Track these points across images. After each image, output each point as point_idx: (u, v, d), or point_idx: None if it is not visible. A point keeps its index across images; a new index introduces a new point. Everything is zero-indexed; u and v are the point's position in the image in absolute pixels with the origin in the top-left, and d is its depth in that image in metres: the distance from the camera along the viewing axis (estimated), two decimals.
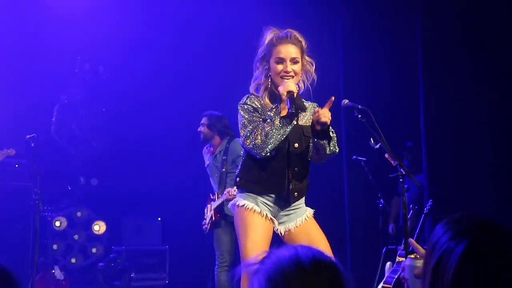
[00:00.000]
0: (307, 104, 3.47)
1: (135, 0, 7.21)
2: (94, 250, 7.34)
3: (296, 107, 3.22)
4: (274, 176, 3.36)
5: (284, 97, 3.25)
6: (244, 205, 3.34)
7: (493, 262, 1.23)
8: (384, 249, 5.81)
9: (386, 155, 3.99)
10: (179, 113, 7.41)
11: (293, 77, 3.34)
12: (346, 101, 3.87)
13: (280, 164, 3.36)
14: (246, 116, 3.33)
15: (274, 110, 3.31)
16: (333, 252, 3.20)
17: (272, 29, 3.43)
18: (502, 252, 1.24)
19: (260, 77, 3.43)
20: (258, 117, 3.33)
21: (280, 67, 3.35)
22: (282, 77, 3.34)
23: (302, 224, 3.44)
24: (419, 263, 1.81)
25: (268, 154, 3.28)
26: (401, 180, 3.63)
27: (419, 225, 5.06)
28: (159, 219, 7.56)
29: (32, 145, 5.41)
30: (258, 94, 3.40)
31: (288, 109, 3.23)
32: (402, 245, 4.73)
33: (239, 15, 7.03)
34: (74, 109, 7.44)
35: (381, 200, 6.11)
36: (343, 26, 6.89)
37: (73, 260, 7.20)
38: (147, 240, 7.45)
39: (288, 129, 3.29)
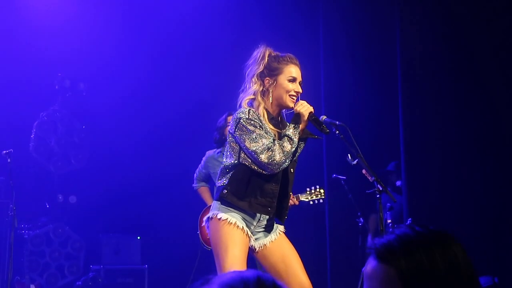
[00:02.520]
0: None
1: (116, 17, 7.20)
2: (71, 269, 7.22)
3: (326, 127, 3.35)
4: (265, 195, 3.36)
5: (305, 117, 3.34)
6: (226, 219, 3.30)
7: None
8: (364, 268, 5.77)
9: (364, 171, 3.98)
10: (159, 131, 7.37)
11: (299, 100, 3.42)
12: (324, 117, 3.87)
13: (273, 185, 3.36)
14: (257, 131, 3.29)
15: (293, 128, 3.34)
16: (313, 270, 3.19)
17: (267, 46, 3.47)
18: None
19: (253, 92, 3.42)
20: (266, 133, 3.32)
21: (292, 85, 3.40)
22: (290, 96, 3.39)
23: (277, 238, 3.43)
24: None
25: (279, 171, 3.33)
26: (378, 196, 3.61)
27: None
28: (138, 237, 7.47)
29: (9, 160, 5.35)
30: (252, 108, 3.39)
31: (319, 128, 3.36)
32: None
33: (221, 26, 7.07)
34: (54, 126, 7.37)
35: (361, 218, 6.10)
36: (324, 41, 6.93)
37: (49, 279, 7.07)
38: (126, 259, 7.34)
39: (299, 150, 3.37)
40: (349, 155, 4.10)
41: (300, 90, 3.41)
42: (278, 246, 3.41)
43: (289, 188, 3.44)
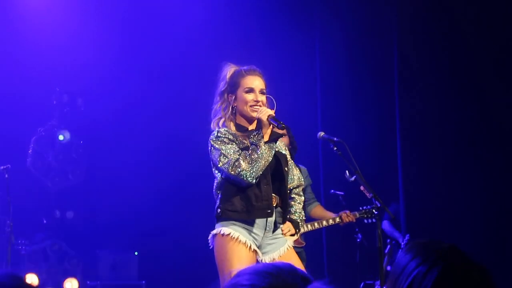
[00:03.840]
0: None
1: (114, 32, 7.23)
2: (68, 285, 7.18)
3: (283, 123, 3.33)
4: (261, 199, 3.38)
5: (265, 121, 3.36)
6: (229, 234, 3.33)
7: (465, 286, 1.26)
8: (362, 284, 5.76)
9: (361, 188, 3.99)
10: (156, 147, 7.37)
11: (261, 106, 3.44)
12: (321, 133, 3.89)
13: (265, 187, 3.38)
14: (223, 147, 3.37)
15: (256, 135, 3.37)
16: None
17: (231, 64, 3.59)
18: (472, 276, 1.27)
19: (219, 112, 3.55)
20: (235, 147, 3.37)
21: (250, 96, 3.46)
22: (251, 106, 3.41)
23: (285, 253, 3.44)
24: None
25: (255, 180, 3.31)
26: (376, 213, 3.61)
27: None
28: (136, 253, 7.44)
29: (6, 176, 5.34)
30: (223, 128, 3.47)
31: (277, 127, 3.34)
32: (380, 280, 4.69)
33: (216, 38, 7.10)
34: (51, 141, 7.36)
35: (359, 234, 6.08)
36: (320, 53, 6.96)
37: None
38: (123, 275, 7.31)
39: (273, 152, 3.37)
40: (347, 171, 4.11)
41: (259, 98, 3.46)
42: (286, 260, 3.42)
43: (286, 187, 3.48)
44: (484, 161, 5.82)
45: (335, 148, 3.74)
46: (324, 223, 5.08)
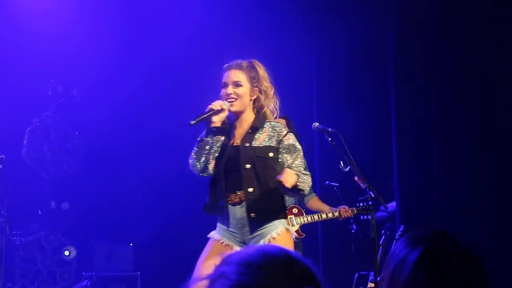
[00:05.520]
0: (267, 124, 3.57)
1: (110, 23, 7.20)
2: (63, 275, 7.19)
3: (197, 120, 3.43)
4: (212, 198, 3.52)
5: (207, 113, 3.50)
6: (211, 237, 3.55)
7: (443, 269, 1.24)
8: (356, 275, 5.78)
9: (356, 178, 4.00)
10: (152, 137, 7.36)
11: (236, 99, 3.53)
12: (316, 124, 3.90)
13: (218, 187, 3.48)
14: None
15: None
16: None
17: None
18: (452, 259, 1.25)
19: None
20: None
21: (223, 90, 3.58)
22: (227, 100, 3.55)
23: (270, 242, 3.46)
24: None
25: (201, 173, 3.49)
26: (370, 203, 3.62)
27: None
28: (131, 244, 7.44)
29: (0, 166, 5.33)
30: None
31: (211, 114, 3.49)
32: (375, 271, 4.71)
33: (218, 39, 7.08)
34: (46, 132, 7.35)
35: (354, 225, 6.09)
36: (317, 43, 6.95)
37: (41, 286, 7.03)
38: (119, 266, 7.31)
39: (209, 145, 3.46)
40: (341, 162, 4.11)
41: (228, 91, 3.54)
42: None
43: (256, 185, 3.42)
44: (484, 151, 5.81)
45: (329, 139, 3.75)
46: (324, 216, 5.11)
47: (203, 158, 3.47)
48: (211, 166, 3.49)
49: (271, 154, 3.47)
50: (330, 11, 6.86)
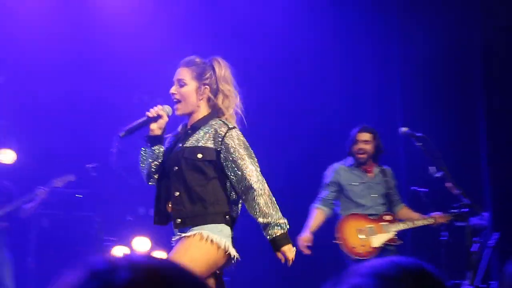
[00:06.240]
0: (211, 122, 3.24)
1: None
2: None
3: (127, 131, 3.23)
4: (155, 205, 3.35)
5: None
6: None
7: None
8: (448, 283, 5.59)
9: (448, 184, 3.88)
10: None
11: (179, 100, 3.25)
12: (404, 129, 3.83)
13: (157, 191, 3.32)
14: None
15: None
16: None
17: None
18: None
19: None
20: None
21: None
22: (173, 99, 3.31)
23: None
24: None
25: (149, 183, 3.35)
26: (466, 210, 3.50)
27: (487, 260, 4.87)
28: None
29: (94, 174, 5.52)
30: None
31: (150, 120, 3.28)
32: (468, 280, 4.56)
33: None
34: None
35: (446, 232, 5.89)
36: (400, 49, 6.83)
37: None
38: None
39: (145, 152, 3.31)
40: (433, 167, 4.00)
41: (171, 90, 3.27)
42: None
43: (181, 188, 3.15)
44: None
45: (420, 144, 3.66)
46: (418, 223, 4.99)
47: (146, 166, 3.31)
48: (156, 175, 3.31)
49: (199, 156, 3.12)
50: (412, 18, 6.73)
